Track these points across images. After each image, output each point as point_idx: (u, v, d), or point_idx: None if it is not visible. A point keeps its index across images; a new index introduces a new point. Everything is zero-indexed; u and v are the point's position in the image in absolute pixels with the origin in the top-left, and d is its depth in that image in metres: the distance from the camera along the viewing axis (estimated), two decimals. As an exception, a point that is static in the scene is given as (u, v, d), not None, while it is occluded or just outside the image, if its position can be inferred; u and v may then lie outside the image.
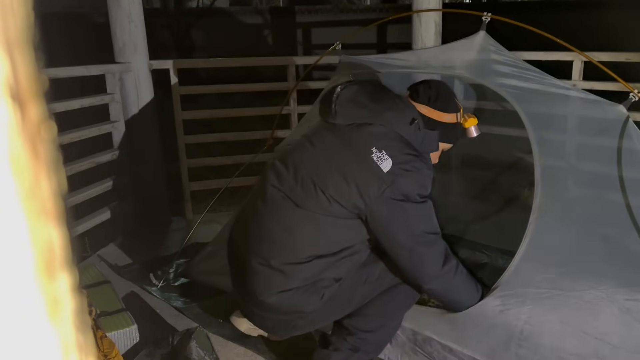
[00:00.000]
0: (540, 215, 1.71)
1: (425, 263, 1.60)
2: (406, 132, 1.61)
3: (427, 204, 1.60)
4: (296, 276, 1.57)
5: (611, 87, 2.31)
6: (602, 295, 1.65)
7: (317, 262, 1.57)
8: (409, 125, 1.61)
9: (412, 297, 1.75)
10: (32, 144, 0.31)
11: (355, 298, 1.69)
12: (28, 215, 0.32)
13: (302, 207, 1.58)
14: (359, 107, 1.62)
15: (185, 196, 3.36)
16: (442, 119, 1.70)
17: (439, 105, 1.70)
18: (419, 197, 1.57)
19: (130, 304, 2.22)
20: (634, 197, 1.83)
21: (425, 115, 1.68)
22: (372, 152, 1.55)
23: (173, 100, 3.21)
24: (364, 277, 1.68)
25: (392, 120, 1.60)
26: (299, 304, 1.60)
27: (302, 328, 1.73)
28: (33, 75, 0.31)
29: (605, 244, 1.76)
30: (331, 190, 1.55)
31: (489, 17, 2.36)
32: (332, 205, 1.55)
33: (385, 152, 1.55)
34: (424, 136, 1.65)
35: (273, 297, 1.59)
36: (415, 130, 1.62)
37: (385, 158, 1.54)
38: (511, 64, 2.25)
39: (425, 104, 1.69)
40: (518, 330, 1.64)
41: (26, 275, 0.32)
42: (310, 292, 1.59)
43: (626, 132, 1.95)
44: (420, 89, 1.72)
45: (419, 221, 1.59)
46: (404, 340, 1.82)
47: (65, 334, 0.34)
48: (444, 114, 1.70)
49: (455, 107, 1.74)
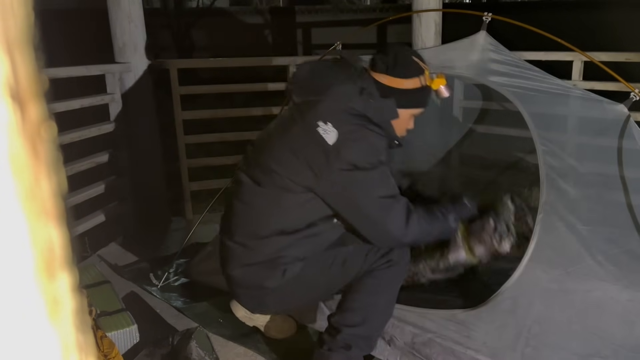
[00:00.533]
0: (545, 215, 1.70)
1: (388, 226, 1.62)
2: (357, 103, 1.63)
3: (378, 170, 1.61)
4: (258, 251, 1.66)
5: (611, 87, 2.31)
6: (605, 296, 1.65)
7: (279, 238, 1.65)
8: (359, 96, 1.64)
9: (390, 286, 1.72)
10: (32, 144, 0.31)
11: (322, 282, 1.73)
12: (28, 215, 0.31)
13: (260, 185, 1.67)
14: (311, 84, 1.69)
15: (185, 196, 3.35)
16: (403, 86, 1.68)
17: (398, 72, 1.68)
18: (369, 164, 1.59)
19: (130, 304, 2.22)
20: (636, 197, 1.83)
21: (386, 84, 1.68)
22: (318, 126, 1.59)
23: (173, 100, 3.21)
24: (330, 260, 1.70)
25: (340, 93, 1.63)
26: (261, 278, 1.68)
27: (271, 306, 1.79)
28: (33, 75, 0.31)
29: (608, 245, 1.76)
30: (283, 166, 1.62)
31: (490, 17, 2.36)
32: (284, 181, 1.62)
33: (330, 125, 1.59)
34: (378, 105, 1.66)
35: (237, 269, 1.70)
36: (367, 100, 1.64)
37: (330, 130, 1.58)
38: (512, 64, 2.25)
39: (384, 73, 1.68)
40: (526, 330, 1.65)
41: (26, 275, 0.32)
42: (271, 267, 1.66)
43: (627, 131, 1.95)
44: (377, 58, 1.70)
45: (372, 187, 1.61)
46: (401, 344, 1.82)
47: (65, 334, 0.34)
48: (405, 80, 1.68)
49: (416, 71, 1.70)
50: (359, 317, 1.69)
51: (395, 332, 1.83)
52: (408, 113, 1.74)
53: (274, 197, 1.65)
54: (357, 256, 1.70)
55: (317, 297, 1.82)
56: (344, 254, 1.71)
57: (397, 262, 1.70)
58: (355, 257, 1.70)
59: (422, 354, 1.76)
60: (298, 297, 1.77)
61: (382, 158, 1.62)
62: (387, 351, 1.84)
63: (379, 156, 1.61)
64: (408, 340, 1.80)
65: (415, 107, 1.74)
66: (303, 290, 1.74)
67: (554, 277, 1.69)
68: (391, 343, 1.84)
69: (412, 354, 1.79)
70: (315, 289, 1.76)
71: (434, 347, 1.75)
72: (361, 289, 1.70)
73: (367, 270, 1.69)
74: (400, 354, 1.82)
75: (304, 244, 1.67)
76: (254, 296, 1.75)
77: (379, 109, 1.65)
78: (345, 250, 1.71)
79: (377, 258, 1.69)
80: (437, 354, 1.73)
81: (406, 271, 1.78)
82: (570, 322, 1.64)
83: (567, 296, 1.67)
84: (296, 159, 1.61)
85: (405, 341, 1.80)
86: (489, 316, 1.72)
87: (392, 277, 1.71)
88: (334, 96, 1.63)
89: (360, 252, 1.70)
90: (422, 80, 1.70)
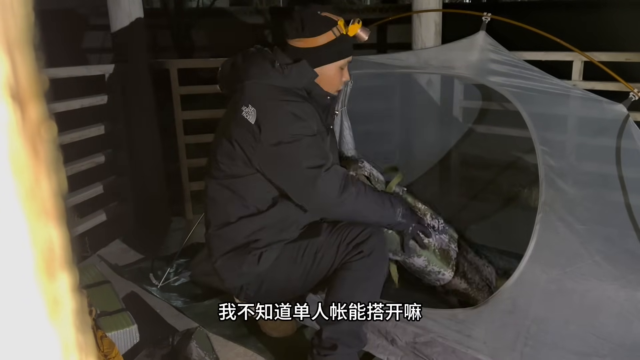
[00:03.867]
0: (544, 215, 1.71)
1: (319, 195, 1.67)
2: (272, 77, 1.69)
3: (303, 141, 1.65)
4: (231, 237, 1.77)
5: (611, 87, 2.31)
6: (603, 295, 1.65)
7: (245, 221, 1.75)
8: (272, 69, 1.69)
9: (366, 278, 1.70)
10: (32, 144, 0.31)
11: (296, 272, 1.76)
12: (28, 215, 0.32)
13: (214, 177, 1.79)
14: (232, 75, 1.78)
15: (185, 196, 3.35)
16: (317, 43, 1.71)
17: (308, 32, 1.70)
18: (291, 136, 1.64)
19: (130, 304, 2.22)
20: (634, 197, 1.83)
21: (301, 47, 1.72)
22: (242, 110, 1.67)
23: (173, 100, 3.21)
24: (302, 251, 1.75)
25: (256, 72, 1.71)
26: (238, 263, 1.77)
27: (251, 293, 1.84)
28: (33, 75, 0.31)
29: (606, 244, 1.76)
30: (224, 155, 1.73)
31: (489, 17, 2.36)
32: (230, 169, 1.73)
33: (251, 106, 1.67)
34: (294, 71, 1.70)
35: (218, 260, 1.81)
36: (281, 70, 1.69)
37: (251, 111, 1.66)
38: (511, 64, 2.25)
39: (297, 37, 1.72)
40: (525, 330, 1.66)
41: (26, 275, 0.32)
42: (246, 252, 1.76)
43: (627, 131, 1.95)
44: (286, 25, 1.74)
45: (298, 158, 1.66)
46: (403, 343, 1.82)
47: (65, 334, 0.34)
48: (317, 38, 1.71)
49: (327, 25, 1.71)
50: (337, 313, 1.68)
51: (396, 332, 1.83)
52: (333, 67, 1.77)
53: (228, 186, 1.76)
54: (328, 247, 1.72)
55: (295, 288, 1.84)
56: (315, 244, 1.75)
57: (369, 252, 1.68)
58: (327, 248, 1.73)
59: (423, 354, 1.76)
60: (276, 286, 1.82)
61: (307, 124, 1.66)
62: (389, 350, 1.84)
63: (302, 122, 1.66)
64: (409, 340, 1.80)
65: (337, 59, 1.76)
66: (279, 280, 1.79)
67: (552, 277, 1.69)
68: (393, 342, 1.84)
69: (414, 353, 1.79)
70: (291, 279, 1.79)
71: (435, 346, 1.75)
72: (337, 283, 1.70)
73: (342, 262, 1.70)
74: (402, 353, 1.82)
75: (274, 225, 1.75)
76: (236, 282, 1.84)
77: (296, 75, 1.70)
78: (317, 241, 1.75)
79: (349, 249, 1.70)
80: (438, 353, 1.73)
81: (385, 261, 1.76)
82: (569, 321, 1.65)
83: (565, 296, 1.67)
84: (231, 146, 1.71)
85: (407, 341, 1.81)
86: (489, 316, 1.73)
87: (367, 269, 1.69)
88: (251, 77, 1.70)
89: (332, 243, 1.72)
90: (335, 31, 1.71)
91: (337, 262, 1.71)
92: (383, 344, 1.85)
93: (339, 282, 1.69)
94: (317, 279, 1.78)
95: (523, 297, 1.70)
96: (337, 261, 1.71)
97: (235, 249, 1.78)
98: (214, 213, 1.83)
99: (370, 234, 1.71)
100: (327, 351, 1.69)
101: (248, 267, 1.77)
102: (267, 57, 1.72)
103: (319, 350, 1.70)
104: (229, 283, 1.88)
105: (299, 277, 1.79)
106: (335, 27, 1.71)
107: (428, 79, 2.77)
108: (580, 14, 6.90)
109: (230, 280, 1.86)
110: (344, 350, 1.69)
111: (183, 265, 2.53)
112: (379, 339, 1.86)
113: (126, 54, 3.02)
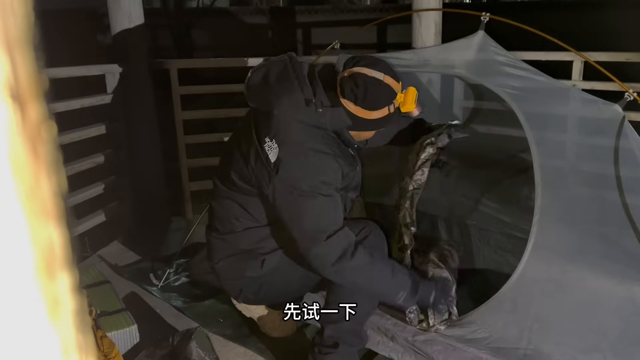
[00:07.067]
0: (542, 216, 1.71)
1: (314, 258, 1.59)
2: (304, 113, 1.58)
3: (316, 199, 1.55)
4: (236, 244, 1.78)
5: (611, 87, 2.31)
6: (601, 292, 1.66)
7: (253, 231, 1.76)
8: (305, 108, 1.58)
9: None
10: (32, 144, 0.31)
11: (298, 274, 1.76)
12: (28, 215, 0.32)
13: (224, 186, 1.79)
14: (263, 91, 1.64)
15: (185, 196, 3.35)
16: (371, 117, 1.61)
17: (367, 105, 1.59)
18: (308, 187, 1.55)
19: (130, 304, 2.22)
20: (630, 196, 1.84)
21: (352, 112, 1.60)
22: (265, 142, 1.60)
23: (173, 100, 3.21)
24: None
25: (287, 105, 1.59)
26: (242, 268, 1.79)
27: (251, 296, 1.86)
28: (33, 75, 0.31)
29: (603, 243, 1.77)
30: (238, 176, 1.72)
31: (488, 17, 2.36)
32: (243, 187, 1.72)
33: (275, 141, 1.58)
34: (327, 114, 1.59)
35: (220, 262, 1.83)
36: (315, 111, 1.58)
37: (274, 147, 1.57)
38: (510, 64, 2.25)
39: (352, 102, 1.59)
40: (527, 328, 1.68)
41: (26, 275, 0.32)
42: (250, 257, 1.77)
43: (622, 131, 1.95)
44: (346, 86, 1.58)
45: (304, 215, 1.58)
46: (403, 341, 1.82)
47: (65, 334, 0.34)
48: (373, 112, 1.60)
49: (387, 100, 1.60)
50: (340, 312, 1.69)
51: (396, 330, 1.84)
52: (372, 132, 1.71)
53: (238, 199, 1.76)
54: None
55: (295, 289, 1.87)
56: None
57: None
58: None
59: (423, 352, 1.77)
60: (276, 288, 1.83)
61: (326, 179, 1.57)
62: (389, 348, 1.85)
63: (322, 177, 1.56)
64: (410, 338, 1.80)
65: (380, 128, 1.69)
66: (280, 282, 1.80)
67: (551, 276, 1.71)
68: (393, 339, 1.84)
69: (414, 351, 1.79)
70: (291, 282, 1.81)
71: (435, 344, 1.75)
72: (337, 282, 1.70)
73: None
74: (402, 350, 1.82)
75: (280, 235, 1.74)
76: (236, 285, 1.86)
77: (329, 119, 1.61)
78: None
79: None
80: (438, 351, 1.74)
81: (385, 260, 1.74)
82: (569, 319, 1.67)
83: (565, 294, 1.69)
84: (247, 170, 1.67)
85: (407, 339, 1.81)
86: (490, 316, 1.74)
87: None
88: (282, 108, 1.59)
89: None
90: (391, 107, 1.62)
91: None
92: (383, 340, 1.87)
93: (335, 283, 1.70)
94: (317, 279, 1.78)
95: (523, 297, 1.72)
96: None
97: (238, 254, 1.79)
98: (220, 220, 1.83)
99: (369, 233, 1.71)
100: (329, 349, 1.69)
101: (251, 272, 1.78)
102: (304, 91, 1.59)
103: (321, 349, 1.71)
104: (229, 285, 1.89)
105: (299, 278, 1.79)
106: (392, 102, 1.61)
107: (428, 78, 2.76)
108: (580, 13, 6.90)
109: (230, 283, 1.87)
110: (346, 349, 1.70)
111: (183, 265, 2.53)
112: (379, 335, 1.87)
113: (126, 54, 3.02)
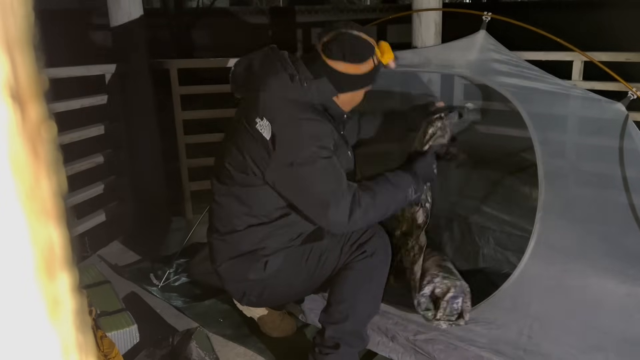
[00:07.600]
0: (544, 214, 1.71)
1: (330, 217, 1.60)
2: (290, 90, 1.63)
3: (317, 163, 1.59)
4: (238, 244, 1.75)
5: (612, 87, 2.31)
6: (603, 291, 1.66)
7: (254, 229, 1.72)
8: (291, 85, 1.63)
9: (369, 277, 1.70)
10: (32, 144, 0.31)
11: (301, 276, 1.75)
12: (28, 215, 0.31)
13: (223, 183, 1.76)
14: (247, 79, 1.71)
15: (185, 196, 3.35)
16: (360, 71, 1.67)
17: (355, 58, 1.65)
18: (305, 158, 1.58)
19: (130, 304, 2.22)
20: (633, 195, 1.84)
21: (342, 71, 1.66)
22: (256, 123, 1.62)
23: (173, 100, 3.21)
24: (306, 255, 1.74)
25: (273, 83, 1.64)
26: (244, 270, 1.76)
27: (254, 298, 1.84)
28: (33, 75, 0.31)
29: (605, 242, 1.77)
30: (235, 165, 1.70)
31: (489, 17, 2.36)
32: (240, 178, 1.69)
33: (265, 119, 1.61)
34: (313, 87, 1.65)
35: (223, 264, 1.80)
36: (301, 85, 1.63)
37: (266, 125, 1.61)
38: (512, 63, 2.25)
39: (341, 59, 1.65)
40: (527, 326, 1.67)
41: (26, 275, 0.32)
42: (253, 259, 1.74)
43: (625, 130, 1.95)
44: (333, 47, 1.64)
45: (311, 182, 1.61)
46: (404, 340, 1.82)
47: (65, 334, 0.34)
48: (361, 65, 1.67)
49: (369, 52, 1.67)
50: (342, 312, 1.68)
51: (397, 329, 1.84)
52: (360, 92, 1.75)
53: (237, 193, 1.73)
54: (332, 250, 1.72)
55: (298, 291, 1.87)
56: (320, 248, 1.74)
57: (372, 253, 1.69)
58: (331, 250, 1.72)
59: (424, 351, 1.77)
60: (280, 290, 1.81)
61: (322, 143, 1.61)
62: (389, 347, 1.85)
63: (317, 142, 1.60)
64: (410, 337, 1.80)
65: (367, 86, 1.75)
66: (284, 285, 1.78)
67: (553, 274, 1.70)
68: (393, 339, 1.84)
69: (415, 350, 1.79)
70: (295, 284, 1.79)
71: (436, 344, 1.75)
72: (340, 283, 1.70)
73: (345, 263, 1.70)
74: (403, 350, 1.82)
75: (281, 233, 1.73)
76: (239, 288, 1.83)
77: (315, 91, 1.66)
78: (321, 244, 1.74)
79: (352, 250, 1.70)
80: (439, 350, 1.74)
81: (388, 262, 1.75)
82: (570, 317, 1.66)
83: (566, 292, 1.69)
84: (242, 158, 1.67)
85: (408, 338, 1.81)
86: (491, 314, 1.74)
87: (370, 268, 1.69)
88: (268, 88, 1.64)
89: (335, 246, 1.72)
90: (374, 59, 1.68)
91: (341, 262, 1.71)
92: (383, 340, 1.86)
93: (342, 282, 1.69)
94: (320, 281, 1.78)
95: (524, 295, 1.71)
96: (341, 262, 1.71)
97: (240, 255, 1.76)
98: (220, 219, 1.81)
99: (373, 234, 1.71)
100: (330, 350, 1.69)
101: (254, 275, 1.75)
102: (287, 70, 1.64)
103: (321, 349, 1.70)
104: (232, 288, 1.86)
105: (302, 280, 1.78)
106: (374, 55, 1.68)
107: (428, 78, 2.76)
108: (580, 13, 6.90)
109: (233, 286, 1.85)
110: (346, 350, 1.69)
111: (183, 265, 2.53)
112: (379, 336, 1.87)
113: (126, 54, 3.02)
